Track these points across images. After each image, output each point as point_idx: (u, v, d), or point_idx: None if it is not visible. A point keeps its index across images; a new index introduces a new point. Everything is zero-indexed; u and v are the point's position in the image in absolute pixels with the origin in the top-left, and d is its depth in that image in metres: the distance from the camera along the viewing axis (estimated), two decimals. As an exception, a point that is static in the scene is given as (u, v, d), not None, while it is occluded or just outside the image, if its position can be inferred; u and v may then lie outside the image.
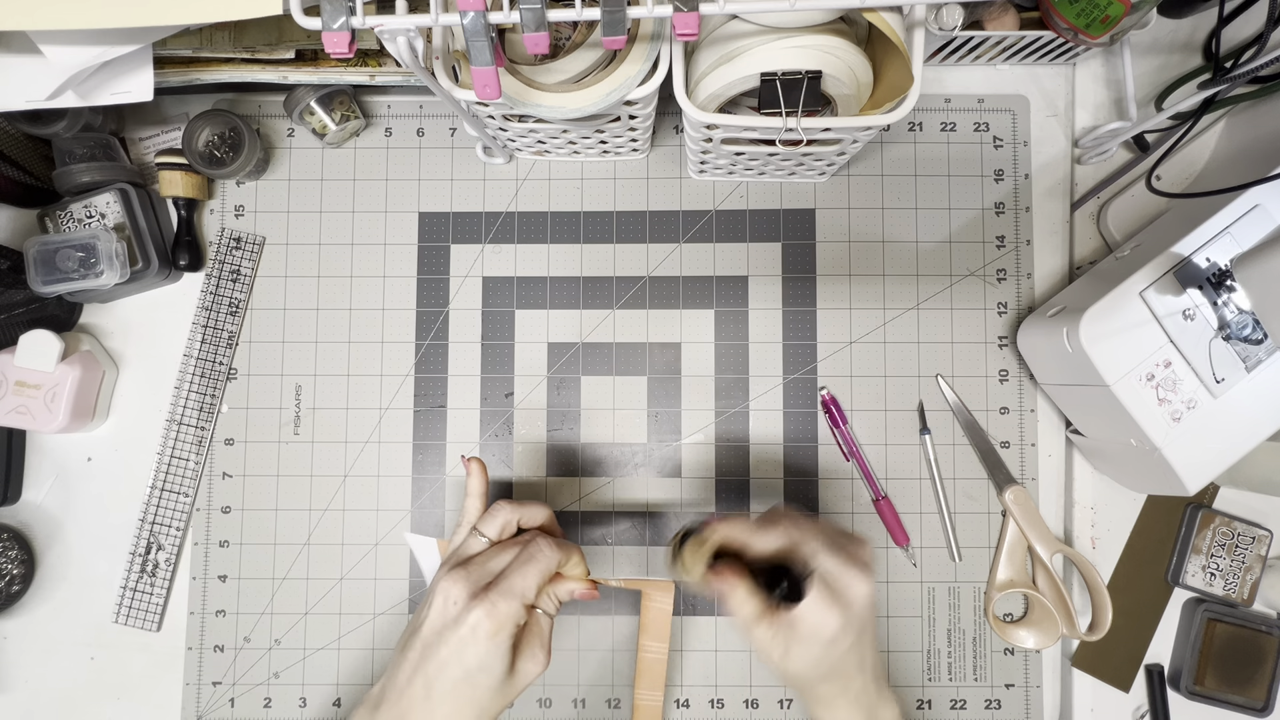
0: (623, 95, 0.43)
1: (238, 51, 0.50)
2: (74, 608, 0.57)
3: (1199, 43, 0.57)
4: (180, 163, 0.55)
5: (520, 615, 0.40)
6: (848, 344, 0.58)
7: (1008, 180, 0.58)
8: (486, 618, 0.39)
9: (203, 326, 0.58)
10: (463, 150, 0.59)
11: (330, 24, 0.34)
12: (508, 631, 0.39)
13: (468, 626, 0.39)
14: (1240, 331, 0.45)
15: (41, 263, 0.52)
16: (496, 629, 0.39)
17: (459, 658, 0.39)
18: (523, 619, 0.40)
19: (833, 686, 0.41)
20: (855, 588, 0.39)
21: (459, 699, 0.39)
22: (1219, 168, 0.55)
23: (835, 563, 0.39)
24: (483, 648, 0.39)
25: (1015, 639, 0.55)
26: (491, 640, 0.39)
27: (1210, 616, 0.55)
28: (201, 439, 0.57)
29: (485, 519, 0.44)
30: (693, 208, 0.58)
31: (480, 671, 0.39)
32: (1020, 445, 0.57)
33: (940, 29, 0.46)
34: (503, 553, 0.42)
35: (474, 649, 0.39)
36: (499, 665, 0.39)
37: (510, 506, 0.44)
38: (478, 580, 0.40)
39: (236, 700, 0.56)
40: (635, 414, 0.57)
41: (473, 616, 0.39)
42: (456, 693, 0.39)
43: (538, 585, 0.40)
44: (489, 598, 0.39)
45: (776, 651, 0.39)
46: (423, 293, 0.58)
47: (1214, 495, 0.57)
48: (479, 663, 0.39)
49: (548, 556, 0.41)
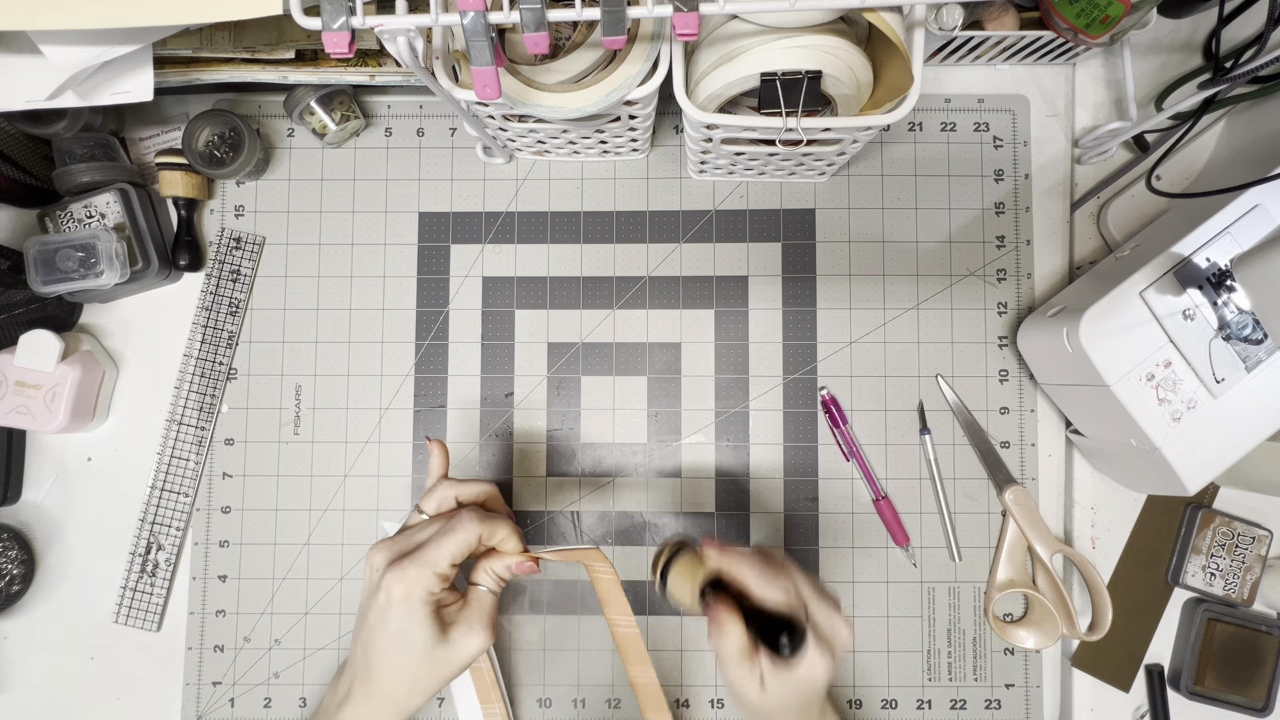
0: (623, 95, 0.43)
1: (238, 51, 0.50)
2: (74, 608, 0.57)
3: (1199, 43, 0.57)
4: (180, 163, 0.55)
5: (432, 583, 0.40)
6: (848, 344, 0.58)
7: (1008, 180, 0.58)
8: (396, 582, 0.40)
9: (203, 326, 0.58)
10: (463, 150, 0.59)
11: (330, 24, 0.34)
12: (418, 597, 0.40)
13: (383, 591, 0.40)
14: (1240, 331, 0.45)
15: (41, 263, 0.52)
16: (405, 594, 0.40)
17: (382, 623, 0.41)
18: (436, 587, 0.41)
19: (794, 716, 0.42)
20: (839, 634, 0.40)
21: (388, 664, 0.41)
22: (1219, 168, 0.55)
23: (825, 611, 0.40)
24: (398, 612, 0.40)
25: (1015, 639, 0.55)
26: (404, 604, 0.40)
27: (1210, 616, 0.55)
28: (201, 439, 0.57)
29: (425, 496, 0.45)
30: (693, 208, 0.58)
31: (402, 637, 0.40)
32: (1020, 445, 0.57)
33: (940, 29, 0.46)
34: (429, 526, 0.43)
35: (391, 614, 0.40)
36: (420, 632, 0.40)
37: (449, 484, 0.45)
38: (399, 550, 0.41)
39: (236, 700, 0.56)
40: (635, 414, 0.57)
41: (385, 581, 0.40)
42: (386, 658, 0.41)
43: (452, 555, 0.41)
44: (400, 564, 0.40)
45: (753, 688, 0.40)
46: (423, 293, 0.58)
47: (1214, 495, 0.57)
48: (399, 628, 0.40)
49: (467, 528, 0.41)
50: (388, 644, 0.41)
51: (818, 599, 0.41)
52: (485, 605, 0.43)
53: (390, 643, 0.41)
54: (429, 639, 0.40)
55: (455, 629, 0.41)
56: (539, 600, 0.56)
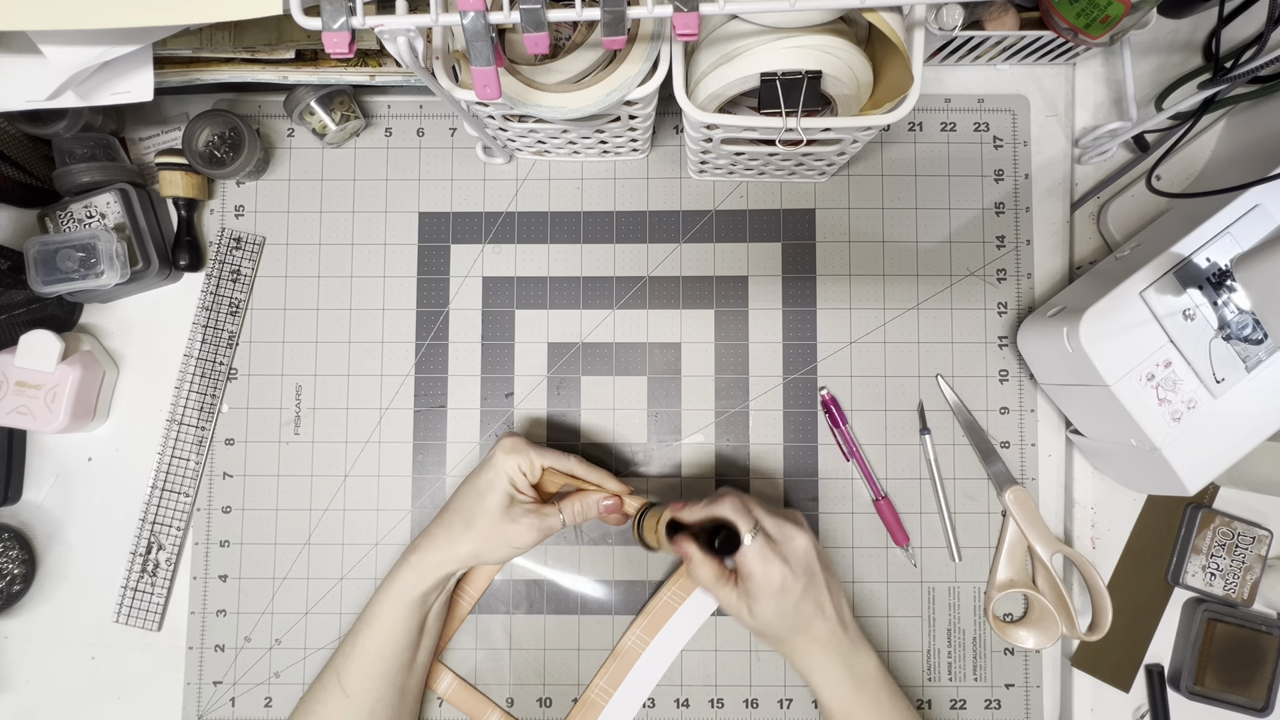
0: (623, 95, 0.43)
1: (238, 51, 0.50)
2: (75, 607, 0.57)
3: (1199, 43, 0.57)
4: (180, 163, 0.55)
5: (527, 465, 0.49)
6: (848, 344, 0.58)
7: (1008, 180, 0.58)
8: (508, 442, 0.49)
9: (203, 326, 0.58)
10: (463, 150, 0.59)
11: (330, 24, 0.34)
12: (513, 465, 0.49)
13: (496, 448, 0.49)
14: (1240, 331, 0.45)
15: (42, 263, 0.52)
16: (513, 447, 0.49)
17: (476, 475, 0.50)
18: (528, 469, 0.49)
19: (802, 637, 0.46)
20: (794, 540, 0.46)
21: (459, 504, 0.50)
22: (1219, 168, 0.55)
23: (773, 522, 0.46)
24: (490, 474, 0.49)
25: (1015, 639, 0.55)
26: (505, 456, 0.49)
27: (1210, 616, 0.55)
28: (202, 439, 0.57)
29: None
30: (693, 208, 0.58)
31: (484, 488, 0.49)
32: (1020, 445, 0.57)
33: (940, 29, 0.46)
34: None
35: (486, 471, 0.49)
36: (494, 495, 0.48)
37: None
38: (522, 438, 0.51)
39: (237, 700, 0.56)
40: (635, 414, 0.57)
41: (501, 441, 0.50)
42: (460, 499, 0.50)
43: (553, 460, 0.49)
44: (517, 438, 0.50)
45: (743, 609, 0.46)
46: (423, 293, 0.58)
47: (1214, 495, 0.57)
48: (485, 482, 0.49)
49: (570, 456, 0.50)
50: (469, 489, 0.50)
51: (767, 514, 0.46)
52: (549, 520, 0.49)
53: (471, 488, 0.50)
54: (499, 504, 0.48)
55: (520, 517, 0.48)
56: (539, 600, 0.57)
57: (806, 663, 0.47)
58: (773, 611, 0.45)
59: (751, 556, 0.44)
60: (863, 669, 0.47)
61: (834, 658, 0.47)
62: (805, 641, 0.46)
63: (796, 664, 0.48)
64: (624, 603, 0.56)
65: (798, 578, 0.45)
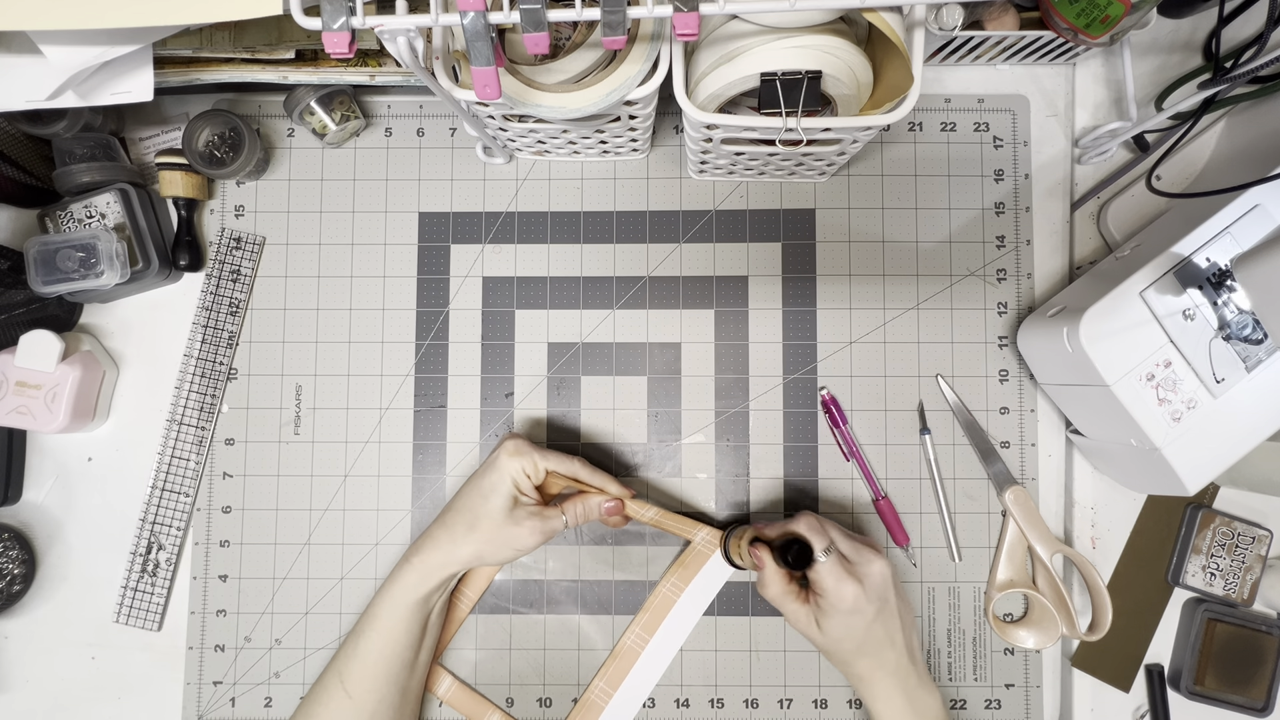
0: (623, 95, 0.43)
1: (238, 51, 0.50)
2: (75, 607, 0.57)
3: (1199, 43, 0.57)
4: (180, 163, 0.55)
5: (530, 468, 0.49)
6: (848, 344, 0.58)
7: (1008, 180, 0.58)
8: (511, 443, 0.50)
9: (203, 326, 0.58)
10: (463, 150, 0.59)
11: (330, 24, 0.34)
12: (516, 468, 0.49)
13: (499, 449, 0.50)
14: (1240, 331, 0.45)
15: (42, 263, 0.52)
16: (517, 450, 0.49)
17: (480, 475, 0.50)
18: (531, 472, 0.49)
19: (869, 661, 0.46)
20: (871, 564, 0.46)
21: (462, 504, 0.50)
22: (1219, 168, 0.55)
23: (851, 545, 0.47)
24: (494, 476, 0.49)
25: (1015, 639, 0.55)
26: (509, 458, 0.49)
27: (1210, 616, 0.55)
28: (202, 439, 0.57)
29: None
30: (693, 208, 0.58)
31: (487, 489, 0.49)
32: (1020, 445, 0.57)
33: (940, 29, 0.46)
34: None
35: (490, 472, 0.49)
36: (497, 497, 0.48)
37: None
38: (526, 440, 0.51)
39: (237, 700, 0.56)
40: (635, 414, 0.57)
41: (505, 443, 0.50)
42: (463, 499, 0.50)
43: (556, 463, 0.50)
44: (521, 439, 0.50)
45: (812, 625, 0.46)
46: (423, 293, 0.58)
47: (1214, 495, 0.57)
48: (489, 483, 0.49)
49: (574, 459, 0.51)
50: (472, 490, 0.50)
51: (845, 537, 0.47)
52: (552, 522, 0.49)
53: (474, 490, 0.50)
54: (503, 506, 0.49)
55: (524, 519, 0.49)
56: (539, 600, 0.57)
57: (870, 689, 0.47)
58: (842, 630, 0.45)
59: (825, 573, 0.45)
60: (924, 707, 0.47)
61: (897, 689, 0.46)
62: (871, 667, 0.46)
63: (860, 689, 0.48)
64: (624, 602, 0.56)
65: (870, 601, 0.45)
